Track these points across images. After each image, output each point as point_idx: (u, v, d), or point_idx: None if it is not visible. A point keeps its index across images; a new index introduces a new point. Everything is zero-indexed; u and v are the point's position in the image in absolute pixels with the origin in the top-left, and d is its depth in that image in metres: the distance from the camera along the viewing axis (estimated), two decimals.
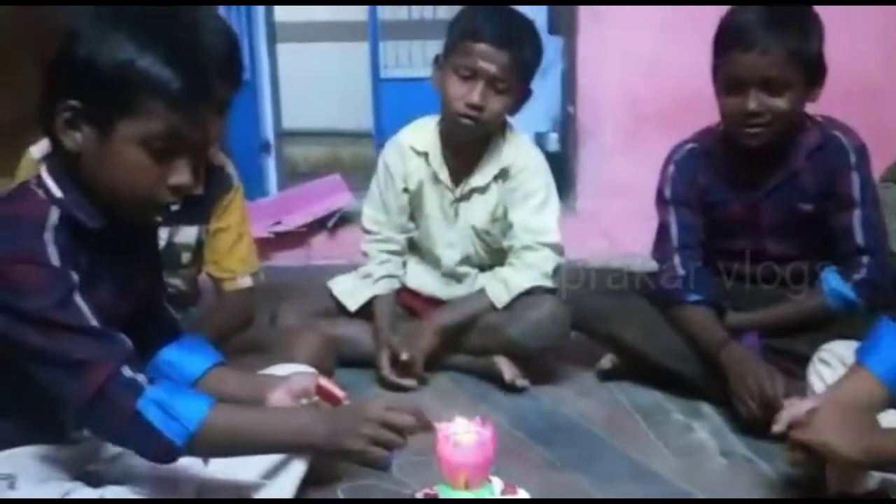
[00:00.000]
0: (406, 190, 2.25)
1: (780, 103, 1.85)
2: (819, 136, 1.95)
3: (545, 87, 3.66)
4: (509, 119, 2.20)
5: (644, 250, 2.21)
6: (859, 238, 1.92)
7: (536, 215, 2.17)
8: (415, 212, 2.28)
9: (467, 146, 2.18)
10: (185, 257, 1.96)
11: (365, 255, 2.30)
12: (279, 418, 1.41)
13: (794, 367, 1.86)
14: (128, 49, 1.27)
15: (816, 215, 1.96)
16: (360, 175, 3.67)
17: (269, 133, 4.23)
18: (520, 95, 2.13)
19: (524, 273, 2.14)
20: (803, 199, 1.97)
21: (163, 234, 1.89)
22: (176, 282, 1.95)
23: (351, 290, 2.26)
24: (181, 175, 1.30)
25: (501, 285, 2.15)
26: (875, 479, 1.43)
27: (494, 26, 2.06)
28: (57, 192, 1.29)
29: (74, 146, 1.28)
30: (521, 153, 2.19)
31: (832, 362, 1.60)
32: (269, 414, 1.42)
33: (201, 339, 1.57)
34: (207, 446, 1.30)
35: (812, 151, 1.95)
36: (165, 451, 1.25)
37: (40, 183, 1.30)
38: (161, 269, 1.58)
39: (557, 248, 2.17)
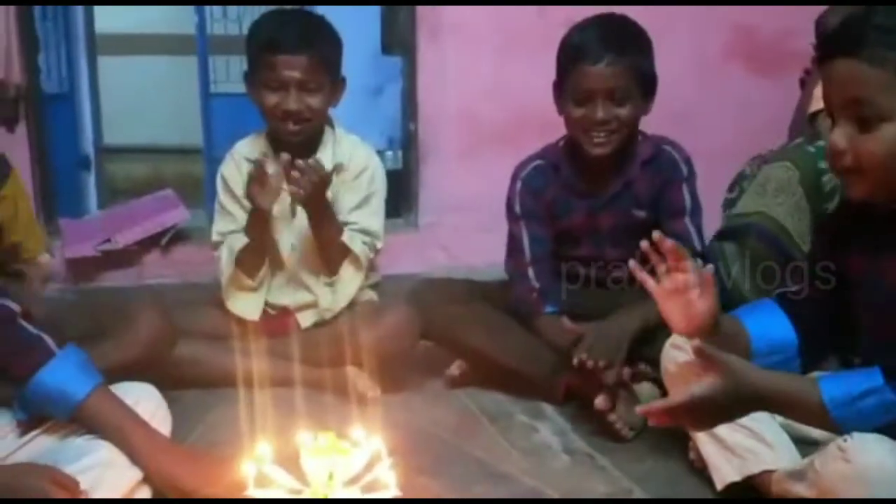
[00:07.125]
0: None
1: (624, 112, 2.01)
2: (651, 148, 2.13)
3: (381, 106, 3.72)
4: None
5: (483, 262, 2.28)
6: (695, 243, 2.08)
7: (376, 218, 2.23)
8: None
9: (298, 148, 2.16)
10: None
11: (220, 259, 2.23)
12: None
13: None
14: None
15: (649, 221, 2.10)
16: (185, 192, 3.54)
17: (88, 148, 4.01)
18: (334, 87, 2.18)
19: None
20: (637, 206, 2.13)
21: None
22: None
23: (243, 302, 2.21)
24: None
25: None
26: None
27: (288, 33, 2.11)
28: None
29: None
30: (357, 152, 2.24)
31: (685, 346, 1.66)
32: None
33: (78, 356, 1.53)
34: None
35: (645, 162, 2.12)
36: None
37: None
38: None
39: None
